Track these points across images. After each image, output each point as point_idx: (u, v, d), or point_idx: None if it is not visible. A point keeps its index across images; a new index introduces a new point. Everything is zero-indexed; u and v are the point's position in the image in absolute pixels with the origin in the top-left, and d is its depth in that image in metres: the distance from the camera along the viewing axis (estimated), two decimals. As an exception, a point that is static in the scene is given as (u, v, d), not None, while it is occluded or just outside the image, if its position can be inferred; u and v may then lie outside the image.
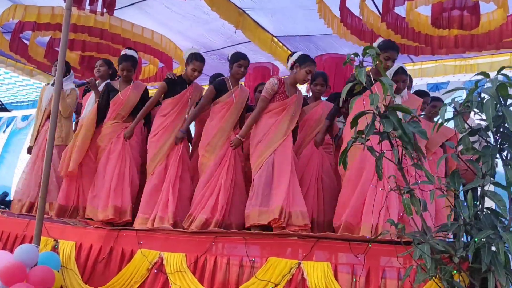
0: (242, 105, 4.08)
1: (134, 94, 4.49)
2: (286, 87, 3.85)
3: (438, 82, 7.28)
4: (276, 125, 3.73)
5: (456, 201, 2.22)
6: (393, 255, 2.65)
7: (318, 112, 4.31)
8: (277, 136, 3.69)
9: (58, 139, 4.93)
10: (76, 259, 3.72)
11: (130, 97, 4.46)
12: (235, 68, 4.05)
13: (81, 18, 5.65)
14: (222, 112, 4.01)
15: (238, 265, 3.16)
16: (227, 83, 4.09)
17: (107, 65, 4.95)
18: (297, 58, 3.84)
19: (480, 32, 4.86)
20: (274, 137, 3.68)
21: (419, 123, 2.53)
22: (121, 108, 4.44)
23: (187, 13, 5.81)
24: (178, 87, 4.25)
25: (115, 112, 4.44)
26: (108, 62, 5.02)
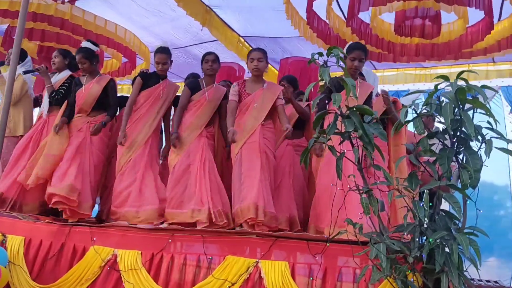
0: (216, 103, 4.06)
1: (96, 87, 4.34)
2: (247, 86, 3.87)
3: (399, 90, 7.48)
4: (242, 124, 3.75)
5: (412, 202, 2.25)
6: (350, 255, 2.67)
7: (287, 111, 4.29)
8: (243, 133, 3.69)
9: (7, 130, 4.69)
10: (24, 255, 3.55)
11: (92, 90, 4.32)
12: (203, 65, 4.08)
13: (41, 6, 5.44)
14: (194, 109, 4.01)
15: (195, 264, 3.10)
16: (200, 83, 4.11)
17: (62, 55, 4.74)
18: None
19: (441, 41, 5.02)
20: (241, 134, 3.68)
21: (380, 125, 2.56)
22: (83, 102, 4.31)
23: (153, 8, 5.72)
24: (151, 81, 4.23)
25: (78, 107, 4.33)
26: (64, 53, 4.81)
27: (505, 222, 6.81)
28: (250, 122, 3.73)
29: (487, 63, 6.49)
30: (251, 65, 3.84)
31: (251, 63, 3.82)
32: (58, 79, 4.63)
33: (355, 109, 2.49)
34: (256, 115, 3.74)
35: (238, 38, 6.46)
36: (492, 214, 6.81)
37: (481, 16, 4.58)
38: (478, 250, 2.16)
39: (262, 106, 3.77)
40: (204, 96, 4.01)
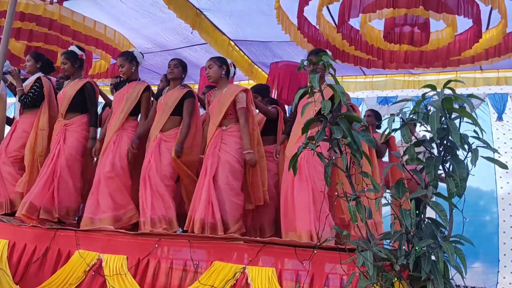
0: (171, 105, 3.99)
1: (70, 90, 4.35)
2: (213, 95, 3.99)
3: (388, 96, 7.55)
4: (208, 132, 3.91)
5: (399, 210, 2.26)
6: (337, 262, 2.67)
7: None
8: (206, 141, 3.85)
9: None
10: (8, 258, 3.48)
11: (66, 93, 4.34)
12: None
13: (30, 6, 5.38)
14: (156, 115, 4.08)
15: (182, 269, 3.08)
16: (164, 89, 4.22)
17: (34, 59, 4.74)
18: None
19: (429, 49, 5.06)
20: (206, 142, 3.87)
21: (368, 132, 2.57)
22: (60, 105, 4.38)
23: (143, 10, 5.68)
24: (120, 87, 4.36)
25: (59, 110, 4.41)
26: (35, 56, 4.80)
27: (491, 227, 6.89)
28: (211, 129, 3.83)
29: (475, 70, 6.57)
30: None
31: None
32: (29, 82, 4.64)
33: (343, 116, 2.50)
34: (215, 121, 3.82)
35: (228, 41, 6.45)
36: (477, 219, 6.88)
37: (470, 24, 4.63)
38: (464, 258, 2.17)
39: (219, 110, 3.81)
40: (161, 101, 4.06)
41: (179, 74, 4.08)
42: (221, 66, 3.91)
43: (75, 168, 4.21)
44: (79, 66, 4.47)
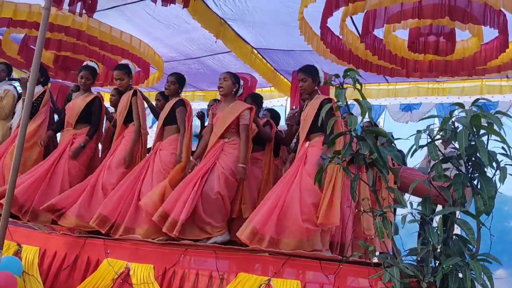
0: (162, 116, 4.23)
1: (80, 102, 4.58)
2: (219, 108, 4.08)
3: (411, 103, 7.47)
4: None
5: (426, 227, 2.26)
6: (362, 276, 2.68)
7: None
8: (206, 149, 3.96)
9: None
10: (39, 265, 3.60)
11: (75, 105, 4.58)
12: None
13: (59, 17, 5.54)
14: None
15: (207, 279, 3.12)
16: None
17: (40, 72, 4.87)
18: None
19: (454, 58, 5.01)
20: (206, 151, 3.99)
21: (394, 147, 2.58)
22: (69, 116, 4.59)
23: (168, 21, 5.80)
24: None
25: (66, 120, 4.63)
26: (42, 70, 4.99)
27: (515, 233, 6.77)
28: (212, 140, 3.93)
29: (501, 78, 6.47)
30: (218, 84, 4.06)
31: (218, 83, 4.04)
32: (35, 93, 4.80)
33: (369, 131, 2.52)
34: (217, 132, 3.93)
35: (251, 50, 6.51)
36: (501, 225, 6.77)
37: (496, 34, 4.58)
38: (491, 277, 2.16)
39: (222, 124, 3.92)
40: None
41: (175, 90, 4.28)
42: (235, 83, 4.04)
43: (76, 177, 4.43)
44: (93, 81, 4.75)
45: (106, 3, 5.31)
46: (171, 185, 3.81)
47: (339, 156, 2.54)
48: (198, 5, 5.01)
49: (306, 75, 3.76)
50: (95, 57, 6.52)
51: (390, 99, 7.60)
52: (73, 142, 4.49)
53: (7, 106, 5.00)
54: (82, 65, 4.78)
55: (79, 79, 4.61)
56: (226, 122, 3.89)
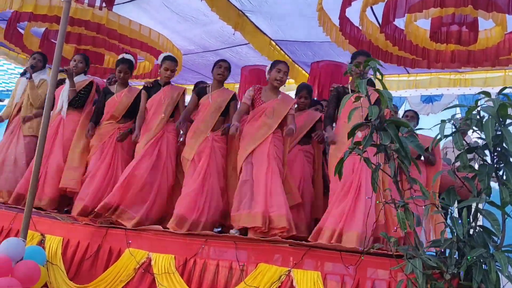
0: (220, 105, 4.11)
1: (128, 97, 4.59)
2: (263, 94, 3.96)
3: (432, 95, 7.35)
4: (253, 130, 3.85)
5: (450, 218, 2.23)
6: (383, 268, 2.66)
7: (300, 120, 4.37)
8: (254, 140, 3.79)
9: (29, 129, 4.96)
10: (62, 255, 3.66)
11: (123, 99, 4.57)
12: (215, 69, 4.20)
13: (78, 11, 5.58)
14: (200, 114, 4.14)
15: (228, 270, 3.14)
16: (207, 88, 4.23)
17: (85, 61, 4.97)
18: (269, 67, 4.04)
19: (477, 48, 4.91)
20: (251, 141, 3.80)
21: (416, 137, 2.54)
22: (114, 110, 4.56)
23: (186, 14, 5.82)
24: (153, 91, 4.41)
25: (109, 114, 4.57)
26: (87, 59, 5.04)
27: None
28: (263, 130, 3.82)
29: (525, 68, 6.32)
30: (277, 75, 3.91)
31: (277, 74, 3.90)
32: (77, 82, 4.82)
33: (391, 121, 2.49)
34: (270, 124, 3.83)
35: (270, 41, 6.48)
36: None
37: (520, 22, 4.47)
38: (517, 268, 2.12)
39: (275, 116, 3.85)
40: (208, 100, 4.11)
41: (227, 76, 4.24)
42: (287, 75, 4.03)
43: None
44: (131, 74, 4.74)
45: (125, -3, 5.35)
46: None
47: (360, 147, 2.52)
48: (216, -4, 5.01)
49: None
50: (115, 51, 6.59)
51: (411, 91, 7.48)
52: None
53: (42, 95, 4.92)
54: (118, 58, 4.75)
55: (117, 73, 4.61)
56: (280, 117, 3.86)
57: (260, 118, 3.87)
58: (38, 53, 5.29)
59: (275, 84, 3.93)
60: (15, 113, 5.16)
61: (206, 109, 4.09)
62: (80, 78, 4.88)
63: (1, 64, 8.94)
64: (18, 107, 5.13)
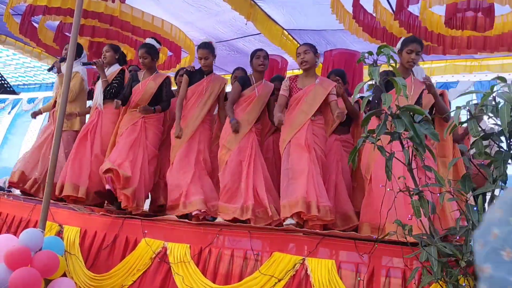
0: (264, 99, 4.12)
1: (152, 85, 4.47)
2: (299, 81, 3.86)
3: (448, 81, 7.26)
4: (291, 118, 3.74)
5: (465, 205, 2.21)
6: (398, 256, 2.65)
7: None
8: (291, 128, 3.69)
9: (65, 124, 4.82)
10: (80, 245, 3.73)
11: (148, 87, 4.45)
12: (254, 60, 4.12)
13: (92, 4, 5.63)
14: (244, 105, 4.07)
15: (242, 259, 3.16)
16: (250, 79, 4.17)
17: (113, 50, 4.90)
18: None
19: (494, 34, 4.82)
20: (289, 129, 3.70)
21: (431, 124, 2.51)
22: (139, 98, 4.44)
23: (198, 4, 5.81)
24: (196, 78, 4.31)
25: (134, 102, 4.46)
26: (115, 47, 4.97)
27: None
28: (300, 117, 3.71)
29: (543, 54, 6.19)
30: (299, 59, 3.83)
31: (298, 58, 3.83)
32: (110, 73, 4.78)
33: (405, 109, 2.46)
34: (307, 110, 3.72)
35: (282, 31, 6.45)
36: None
37: (538, 7, 4.37)
38: (534, 256, 2.10)
39: (313, 101, 3.73)
40: (254, 92, 4.06)
41: (267, 64, 4.18)
42: (316, 54, 3.84)
43: (153, 162, 4.47)
44: (156, 60, 4.60)
45: (138, -12, 5.36)
46: None
47: (373, 135, 2.50)
48: (227, -13, 4.99)
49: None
50: (128, 43, 6.63)
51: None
52: (146, 129, 4.40)
53: (73, 88, 4.85)
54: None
55: (140, 60, 4.48)
56: (318, 101, 3.73)
57: (297, 105, 3.77)
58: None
59: (303, 67, 3.82)
60: (51, 107, 5.23)
61: (252, 101, 4.06)
62: (113, 68, 4.83)
63: (17, 58, 9.07)
64: (53, 101, 5.19)
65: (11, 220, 4.23)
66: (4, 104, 11.78)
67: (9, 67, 9.79)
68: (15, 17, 6.33)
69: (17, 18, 6.29)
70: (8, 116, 11.72)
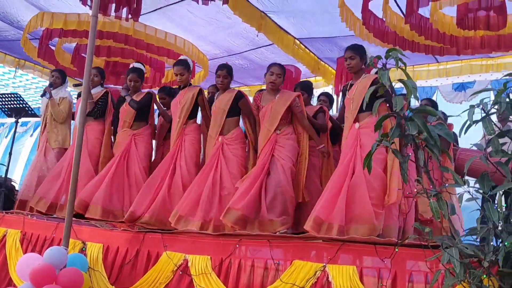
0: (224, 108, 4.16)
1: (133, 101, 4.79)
2: (262, 99, 4.08)
3: (464, 82, 7.16)
4: (260, 137, 4.02)
5: (485, 204, 2.18)
6: (420, 259, 2.62)
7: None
8: (260, 146, 3.96)
9: (55, 142, 5.32)
10: (103, 261, 3.77)
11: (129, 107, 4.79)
12: (267, 76, 4.12)
13: (106, 24, 5.77)
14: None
15: (263, 268, 3.16)
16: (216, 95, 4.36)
17: (101, 74, 5.30)
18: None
19: (507, 32, 4.76)
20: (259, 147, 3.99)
21: (445, 125, 2.50)
22: (125, 115, 4.80)
23: (210, 18, 5.89)
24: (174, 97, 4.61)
25: (122, 121, 4.83)
26: (102, 72, 5.37)
27: None
28: (264, 134, 3.94)
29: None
30: (270, 78, 3.98)
31: (270, 76, 3.98)
32: (94, 94, 5.11)
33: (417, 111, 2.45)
34: (268, 127, 3.92)
35: (294, 40, 6.48)
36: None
37: (551, 2, 4.30)
38: (558, 253, 2.06)
39: (273, 116, 3.92)
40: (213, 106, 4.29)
41: (228, 84, 4.29)
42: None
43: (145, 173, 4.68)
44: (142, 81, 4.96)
45: (149, 6, 5.46)
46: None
47: (387, 138, 2.50)
48: (238, 0, 5.05)
49: (354, 52, 3.69)
50: (143, 60, 6.73)
51: (442, 79, 7.29)
52: (136, 143, 4.71)
53: (63, 110, 5.34)
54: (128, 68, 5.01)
55: (128, 82, 4.83)
56: (278, 114, 3.90)
57: (262, 123, 4.01)
58: (56, 71, 5.62)
59: (269, 87, 4.03)
60: (42, 129, 5.52)
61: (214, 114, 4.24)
62: (97, 89, 5.18)
63: (36, 81, 9.29)
64: (43, 124, 5.49)
65: (35, 239, 4.31)
66: (26, 127, 12.03)
67: (29, 90, 10.02)
68: (32, 41, 6.52)
69: (35, 42, 6.48)
70: (31, 138, 11.95)
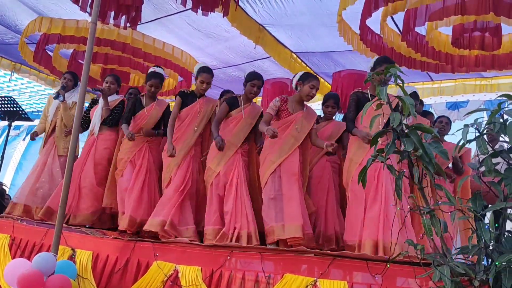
0: (252, 121, 4.16)
1: (157, 110, 4.68)
2: (289, 105, 3.96)
3: (458, 101, 7.23)
4: (280, 141, 3.82)
5: (477, 224, 2.19)
6: (411, 276, 2.62)
7: (327, 130, 4.46)
8: (281, 152, 3.79)
9: (64, 149, 5.12)
10: (92, 268, 3.74)
11: (153, 113, 4.65)
12: (248, 86, 4.15)
13: (104, 31, 5.78)
14: (231, 126, 4.13)
15: (254, 281, 3.14)
16: (239, 100, 4.22)
17: (117, 82, 5.13)
18: (299, 76, 4.00)
19: (502, 52, 4.83)
20: (278, 153, 3.79)
21: (440, 143, 2.52)
22: (144, 123, 4.63)
23: (208, 30, 5.93)
24: (189, 100, 4.38)
25: (138, 126, 4.62)
26: (118, 79, 5.19)
27: None
28: (290, 142, 3.83)
29: (553, 72, 6.15)
30: (310, 91, 3.92)
31: (311, 90, 3.91)
32: (110, 101, 5.00)
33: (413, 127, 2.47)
34: (297, 136, 3.85)
35: (291, 54, 6.53)
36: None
37: (545, 25, 4.37)
38: (549, 274, 2.07)
39: (302, 129, 3.88)
40: (241, 113, 4.12)
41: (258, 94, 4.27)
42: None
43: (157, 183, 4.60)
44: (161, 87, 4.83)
45: (148, 16, 5.49)
46: None
47: (382, 154, 2.51)
48: (237, 13, 5.08)
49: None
50: (140, 69, 6.75)
51: (436, 98, 7.36)
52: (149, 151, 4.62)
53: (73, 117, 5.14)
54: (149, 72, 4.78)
55: (148, 87, 4.63)
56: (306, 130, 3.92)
57: (287, 129, 3.87)
58: (68, 73, 5.48)
59: (305, 99, 3.96)
60: (49, 133, 5.31)
61: (239, 122, 4.12)
62: (113, 97, 5.05)
63: (31, 86, 9.26)
64: (52, 127, 5.29)
65: (24, 244, 4.26)
66: (19, 131, 11.96)
67: (24, 95, 9.98)
68: (29, 45, 6.51)
69: (32, 47, 6.46)
70: (23, 142, 11.88)
